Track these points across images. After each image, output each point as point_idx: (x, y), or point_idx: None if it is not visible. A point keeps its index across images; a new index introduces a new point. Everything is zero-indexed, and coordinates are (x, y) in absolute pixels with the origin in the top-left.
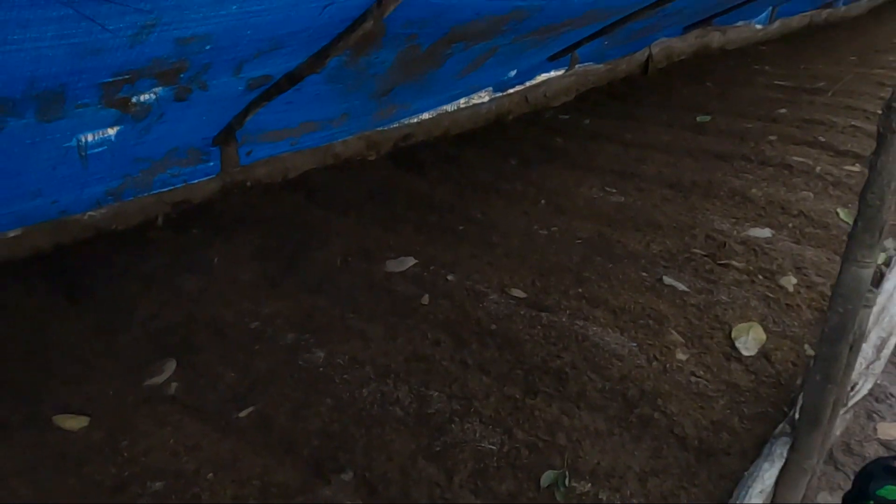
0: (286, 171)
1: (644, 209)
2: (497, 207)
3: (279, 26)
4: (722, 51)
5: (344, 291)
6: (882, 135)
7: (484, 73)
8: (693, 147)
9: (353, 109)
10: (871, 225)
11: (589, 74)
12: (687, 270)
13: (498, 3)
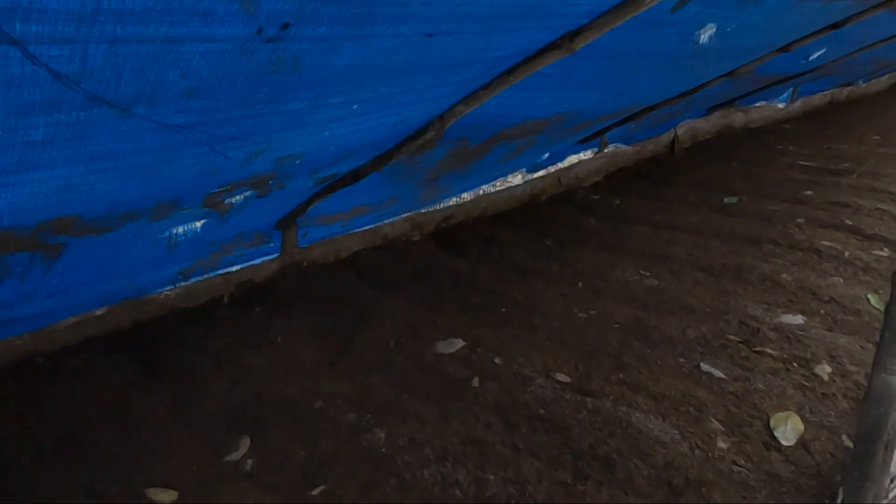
0: (338, 251)
1: (678, 293)
2: (536, 289)
3: (357, 141)
4: (745, 130)
5: (398, 372)
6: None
7: (520, 159)
8: (721, 229)
9: (401, 194)
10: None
11: (618, 155)
12: (723, 357)
13: (541, 110)
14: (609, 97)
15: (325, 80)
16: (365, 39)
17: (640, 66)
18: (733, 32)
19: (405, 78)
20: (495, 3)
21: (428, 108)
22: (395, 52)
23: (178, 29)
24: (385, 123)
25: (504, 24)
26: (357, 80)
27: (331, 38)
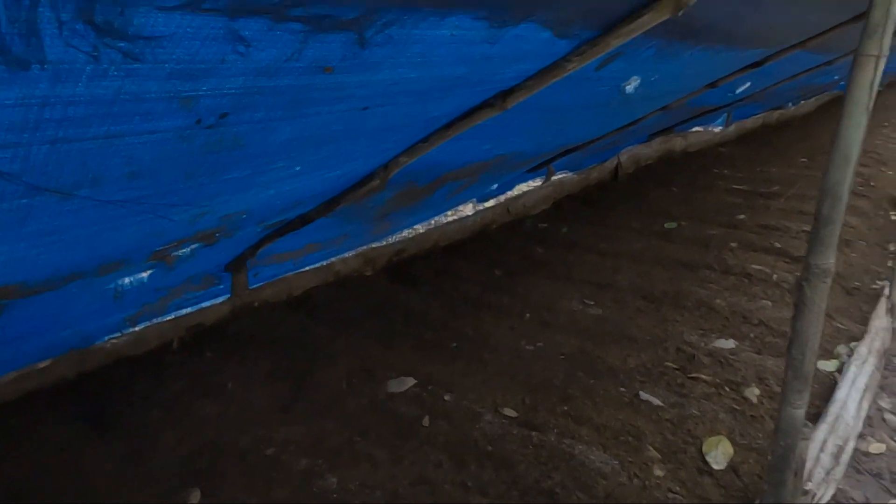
0: (290, 290)
1: (620, 322)
2: (486, 322)
3: (302, 194)
4: (685, 154)
5: (350, 414)
6: (797, 306)
7: (470, 191)
8: (662, 255)
9: (353, 231)
10: (799, 374)
11: (564, 183)
12: (661, 384)
13: (482, 154)
14: (548, 139)
15: (266, 153)
16: (303, 118)
17: (574, 114)
18: (658, 81)
19: (344, 142)
20: (427, 80)
21: (371, 162)
22: (332, 125)
23: (120, 127)
24: (329, 178)
25: (437, 94)
26: (298, 148)
27: (269, 120)
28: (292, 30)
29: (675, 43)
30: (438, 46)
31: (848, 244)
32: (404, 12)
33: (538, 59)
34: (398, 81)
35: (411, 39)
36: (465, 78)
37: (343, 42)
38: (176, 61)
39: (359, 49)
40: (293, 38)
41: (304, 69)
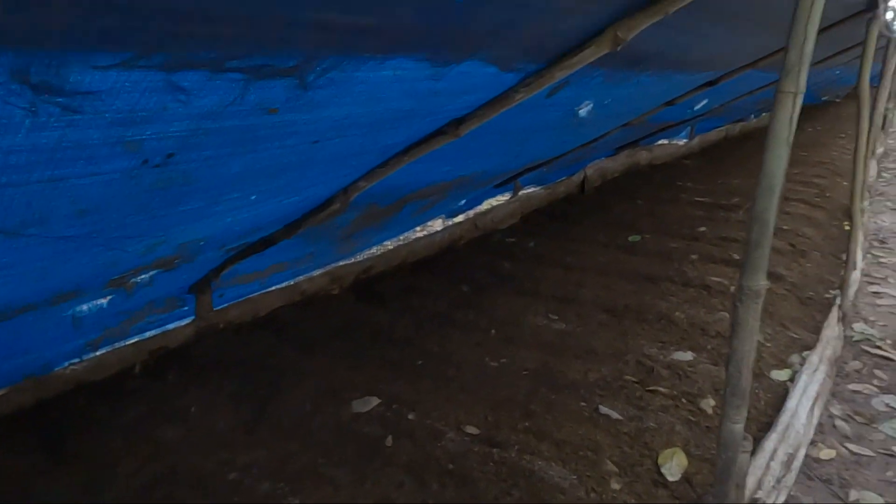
0: (256, 310)
1: (583, 336)
2: (452, 339)
3: (262, 219)
4: (650, 166)
5: (314, 435)
6: (732, 326)
7: (437, 209)
8: (626, 269)
9: (319, 250)
10: (736, 390)
11: (532, 198)
12: (620, 398)
13: (443, 176)
14: (508, 159)
15: (219, 185)
16: (253, 153)
17: (532, 136)
18: (612, 103)
19: (299, 172)
20: (376, 114)
21: (330, 187)
22: (284, 157)
23: (64, 170)
24: (287, 203)
25: (388, 125)
26: (251, 180)
27: (218, 157)
28: (232, 79)
29: (621, 71)
30: (383, 85)
31: (803, 255)
32: (342, 58)
33: (487, 91)
34: (346, 116)
35: (354, 80)
36: (414, 110)
37: (285, 86)
38: (116, 111)
39: (302, 91)
40: (234, 86)
41: (248, 111)
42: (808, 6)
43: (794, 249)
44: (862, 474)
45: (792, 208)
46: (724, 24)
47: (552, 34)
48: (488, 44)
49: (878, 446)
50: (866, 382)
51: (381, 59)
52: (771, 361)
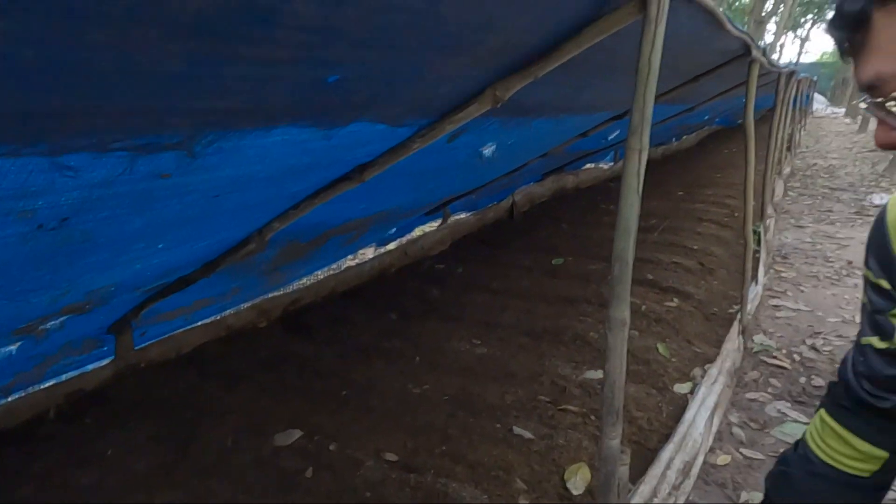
0: (180, 347)
1: (503, 360)
2: (377, 368)
3: (175, 263)
4: (577, 189)
5: (235, 471)
6: (605, 352)
7: (365, 238)
8: (547, 292)
9: (245, 284)
10: (611, 409)
11: (461, 224)
12: (533, 418)
13: (360, 213)
14: (423, 194)
15: (121, 240)
16: (152, 210)
17: (442, 174)
18: (516, 144)
19: (204, 221)
20: (275, 168)
21: (242, 229)
22: (185, 211)
23: None
24: (199, 248)
25: (289, 177)
26: (154, 232)
27: (116, 216)
28: (118, 156)
29: (514, 118)
30: (274, 147)
31: (711, 273)
32: (226, 132)
33: (384, 142)
34: (243, 174)
35: (243, 147)
36: (314, 163)
37: (173, 156)
38: (5, 189)
39: (191, 159)
40: (121, 160)
41: (139, 178)
42: (644, 77)
43: (702, 268)
44: (753, 476)
45: (703, 228)
46: (602, 76)
47: (436, 96)
48: (371, 109)
49: (769, 450)
50: (762, 390)
51: (265, 130)
52: (675, 375)
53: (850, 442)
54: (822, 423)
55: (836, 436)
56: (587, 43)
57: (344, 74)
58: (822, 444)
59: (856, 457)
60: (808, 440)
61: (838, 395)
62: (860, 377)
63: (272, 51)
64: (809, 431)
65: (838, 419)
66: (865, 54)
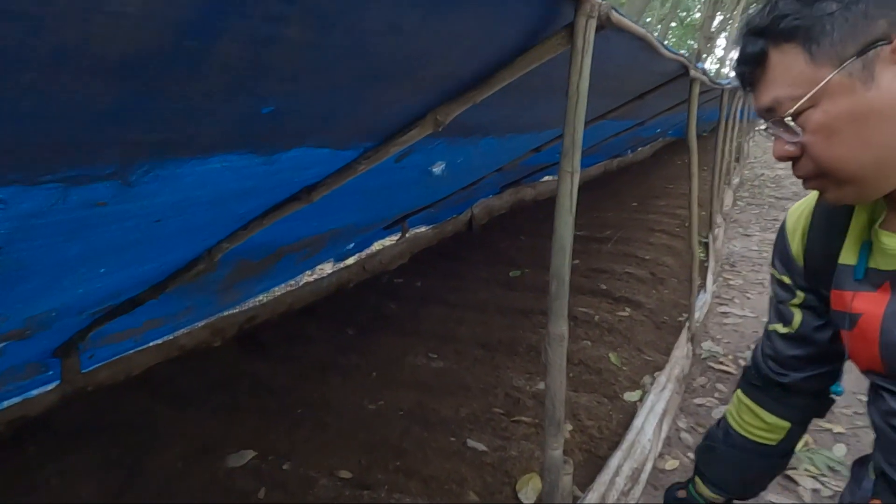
0: (130, 369)
1: (458, 373)
2: (333, 385)
3: (120, 286)
4: (535, 202)
5: (185, 495)
6: (546, 365)
7: (322, 254)
8: (504, 304)
9: (198, 303)
10: (553, 421)
11: (419, 238)
12: (487, 430)
13: (313, 230)
14: (376, 212)
15: (59, 266)
16: (90, 237)
17: (393, 192)
18: (465, 162)
19: (147, 245)
20: (217, 193)
21: (189, 251)
22: (126, 236)
23: None
24: (145, 270)
25: (234, 200)
26: (95, 258)
27: (52, 244)
28: (49, 188)
29: (460, 139)
30: (214, 173)
31: (662, 282)
32: (161, 161)
33: (329, 165)
34: (184, 199)
35: (180, 175)
36: (257, 186)
37: (108, 186)
38: None
39: (128, 188)
40: (53, 192)
41: (74, 207)
42: (574, 104)
43: (653, 277)
44: None
45: (655, 238)
46: (543, 98)
47: (378, 121)
48: (312, 135)
49: None
50: (709, 396)
51: (202, 158)
52: (626, 384)
53: (760, 415)
54: (738, 401)
55: (749, 411)
56: (520, 71)
57: (279, 105)
58: (739, 419)
59: (764, 427)
60: (727, 417)
61: (750, 376)
62: (767, 358)
63: (202, 87)
64: (729, 410)
65: (750, 396)
66: (764, 84)
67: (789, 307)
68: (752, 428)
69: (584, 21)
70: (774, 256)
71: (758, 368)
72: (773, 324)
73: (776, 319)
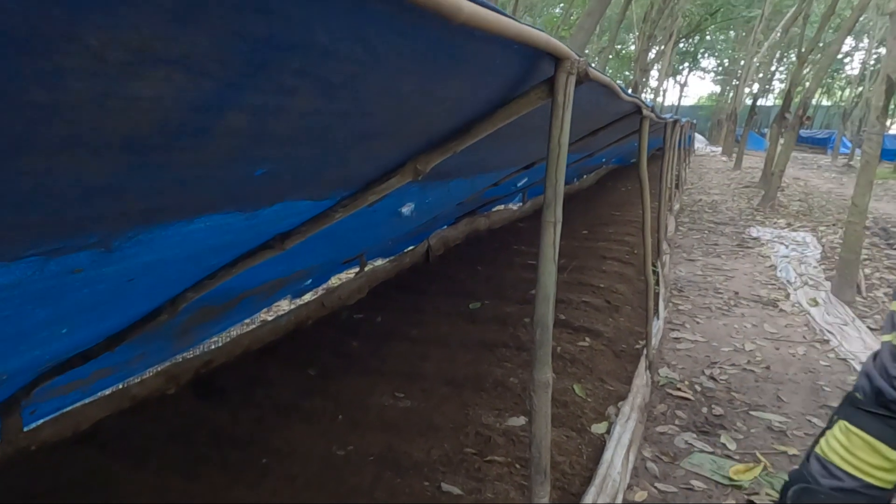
0: (77, 424)
1: (426, 412)
2: (298, 431)
3: (80, 342)
4: (489, 231)
5: None
6: (530, 413)
7: (281, 293)
8: (466, 338)
9: (151, 350)
10: (538, 469)
11: (378, 272)
12: (461, 472)
13: (279, 273)
14: (343, 251)
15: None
16: (61, 300)
17: (361, 233)
18: (432, 201)
19: (114, 303)
20: (195, 249)
21: (154, 301)
22: (96, 296)
23: None
24: (107, 326)
25: (209, 253)
26: (60, 319)
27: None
28: (30, 262)
29: (433, 181)
30: (196, 232)
31: (617, 310)
32: (147, 227)
33: (305, 214)
34: (160, 259)
35: (163, 235)
36: (234, 241)
37: (89, 254)
38: None
39: (107, 254)
40: (32, 264)
41: (50, 276)
42: (555, 157)
43: (609, 305)
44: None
45: (608, 266)
46: (513, 141)
47: (359, 171)
48: (295, 191)
49: (680, 481)
50: (670, 423)
51: (187, 221)
52: (592, 416)
53: (882, 452)
54: (849, 434)
55: (867, 446)
56: (501, 122)
57: (271, 167)
58: (850, 456)
59: (885, 467)
60: (828, 454)
61: (866, 404)
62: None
63: (202, 157)
64: (829, 446)
65: (868, 430)
66: None
67: None
68: (869, 467)
69: (565, 77)
70: None
71: (879, 394)
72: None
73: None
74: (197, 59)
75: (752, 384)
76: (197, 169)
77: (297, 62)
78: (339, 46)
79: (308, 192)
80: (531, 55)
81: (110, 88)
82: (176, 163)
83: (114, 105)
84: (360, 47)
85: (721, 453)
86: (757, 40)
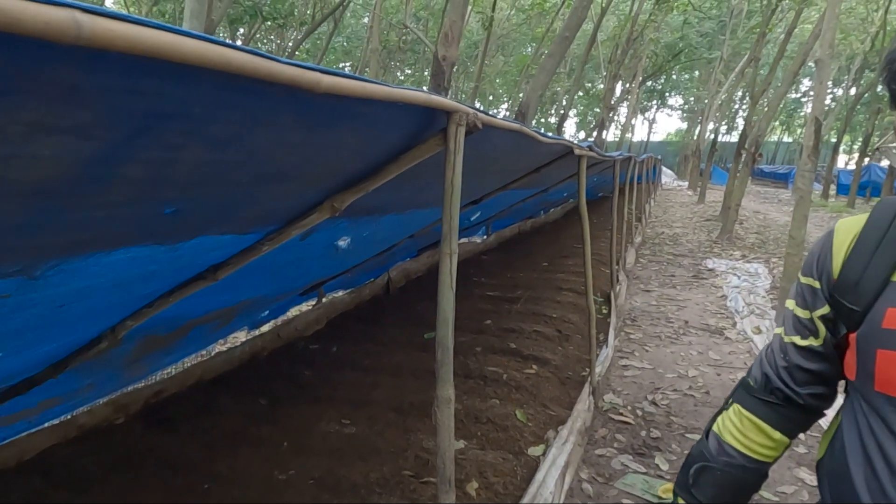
0: (21, 453)
1: (370, 438)
2: (243, 457)
3: (17, 368)
4: None
5: None
6: (436, 427)
7: (236, 322)
8: (418, 367)
9: (101, 379)
10: (443, 478)
11: (337, 303)
12: (396, 494)
13: (223, 303)
14: (287, 282)
15: None
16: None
17: (303, 265)
18: (370, 235)
19: (48, 329)
20: (121, 278)
21: (92, 330)
22: (26, 321)
23: None
24: (45, 352)
25: (138, 282)
26: None
27: None
28: None
29: (362, 217)
30: (119, 263)
31: (567, 339)
32: (67, 258)
33: (232, 247)
34: (88, 286)
35: (86, 265)
36: (160, 270)
37: (13, 281)
38: None
39: (32, 282)
40: None
41: None
42: (449, 196)
43: (560, 335)
44: None
45: (563, 297)
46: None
47: (277, 208)
48: (213, 226)
49: (612, 500)
50: (609, 446)
51: (106, 251)
52: (530, 439)
53: (767, 432)
54: (741, 418)
55: (755, 427)
56: (406, 165)
57: (180, 207)
58: (741, 436)
59: (770, 445)
60: (723, 435)
61: (755, 390)
62: (782, 370)
63: (107, 199)
64: (724, 427)
65: (755, 412)
66: None
67: (814, 320)
68: (757, 445)
69: (455, 128)
70: (811, 264)
71: (768, 381)
72: (790, 336)
73: (794, 332)
74: (85, 128)
75: (691, 408)
76: (104, 209)
77: (179, 126)
78: (215, 113)
79: (227, 227)
80: (420, 110)
81: (14, 151)
82: (84, 205)
83: (18, 163)
84: (238, 113)
85: (654, 473)
86: (717, 80)
